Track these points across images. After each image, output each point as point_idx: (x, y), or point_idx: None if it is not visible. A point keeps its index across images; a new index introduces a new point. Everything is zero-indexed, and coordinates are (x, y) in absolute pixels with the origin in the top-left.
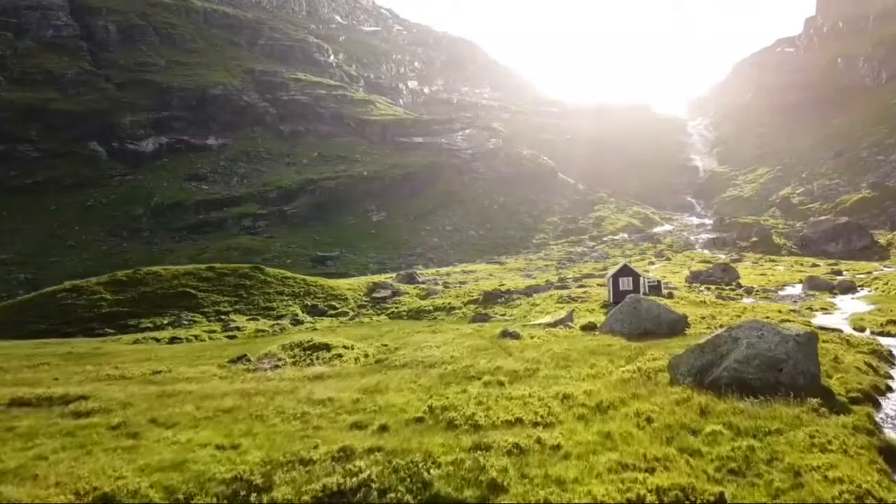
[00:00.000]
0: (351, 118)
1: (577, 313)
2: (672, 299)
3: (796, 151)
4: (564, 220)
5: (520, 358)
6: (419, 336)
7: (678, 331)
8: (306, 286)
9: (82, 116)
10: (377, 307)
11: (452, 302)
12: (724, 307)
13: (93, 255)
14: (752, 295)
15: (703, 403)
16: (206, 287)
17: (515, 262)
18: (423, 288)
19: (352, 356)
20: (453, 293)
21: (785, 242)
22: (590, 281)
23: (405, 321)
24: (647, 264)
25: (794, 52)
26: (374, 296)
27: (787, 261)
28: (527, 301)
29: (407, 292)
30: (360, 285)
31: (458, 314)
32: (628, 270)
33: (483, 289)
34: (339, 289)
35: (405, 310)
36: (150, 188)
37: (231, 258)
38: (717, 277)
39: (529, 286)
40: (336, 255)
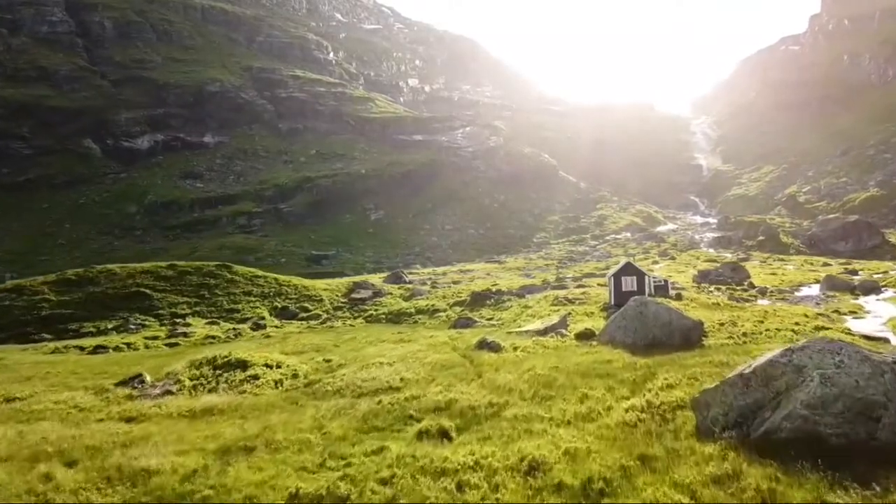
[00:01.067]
0: (350, 116)
1: (574, 317)
2: (681, 301)
3: (801, 150)
4: (566, 219)
5: (489, 383)
6: (378, 347)
7: (693, 341)
8: (278, 286)
9: (76, 113)
10: (355, 309)
11: (437, 304)
12: (740, 310)
13: (83, 253)
14: (767, 296)
15: (766, 489)
16: (165, 287)
17: (515, 262)
18: (409, 288)
19: (272, 378)
20: (440, 294)
21: (793, 241)
22: (590, 281)
23: (381, 325)
24: (650, 263)
25: (798, 50)
26: (352, 297)
27: (796, 260)
28: (518, 303)
29: (390, 293)
30: (339, 286)
31: (441, 317)
32: (632, 269)
33: (473, 289)
34: (314, 289)
35: (384, 312)
36: (144, 186)
37: (224, 257)
38: (727, 277)
39: (524, 286)
40: (332, 254)
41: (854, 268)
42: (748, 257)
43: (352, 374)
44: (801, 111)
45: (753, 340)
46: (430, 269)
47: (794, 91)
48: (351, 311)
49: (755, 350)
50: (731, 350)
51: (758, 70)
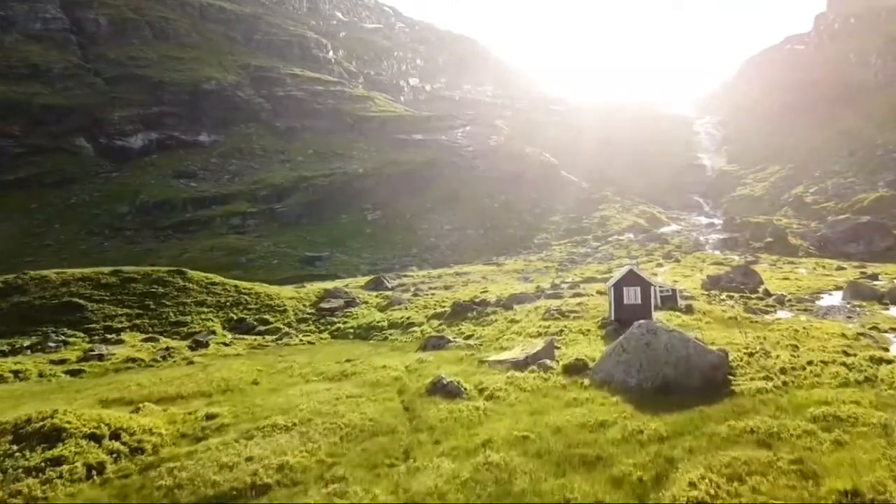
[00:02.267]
0: (349, 115)
1: (566, 337)
2: (692, 315)
3: (807, 150)
4: (567, 219)
5: (405, 483)
6: (300, 390)
7: (718, 382)
8: (237, 294)
9: (69, 111)
10: (321, 321)
11: (413, 316)
12: (764, 328)
13: (70, 254)
14: (786, 306)
15: None
16: (103, 296)
17: (514, 264)
18: (388, 296)
19: (92, 459)
20: (421, 303)
21: (801, 243)
22: (590, 286)
23: (345, 343)
24: (654, 266)
25: (803, 50)
26: (321, 307)
27: (806, 262)
28: (505, 316)
29: (366, 301)
30: (309, 294)
31: (415, 333)
32: (635, 277)
33: (458, 297)
34: (278, 298)
35: (353, 326)
36: (136, 186)
37: (214, 259)
38: (739, 283)
39: (514, 295)
40: (326, 255)
41: (872, 272)
42: (757, 260)
43: (216, 453)
44: (807, 111)
45: (796, 381)
46: (426, 272)
47: (799, 91)
48: (317, 324)
49: (806, 401)
50: (774, 402)
51: (762, 70)
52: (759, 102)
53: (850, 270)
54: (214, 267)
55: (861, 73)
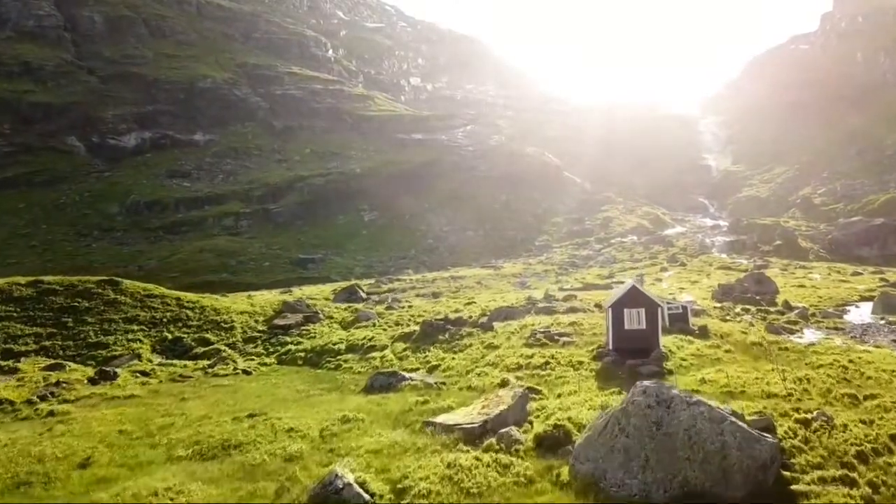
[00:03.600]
0: (348, 114)
1: (552, 371)
2: (707, 340)
3: (814, 150)
4: (569, 220)
5: None
6: (136, 485)
7: (770, 489)
8: (178, 308)
9: (61, 110)
10: (271, 341)
11: (378, 336)
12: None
13: (56, 256)
14: (812, 323)
15: None
16: (11, 312)
17: (513, 267)
18: (357, 310)
19: None
20: (394, 318)
21: (812, 246)
22: (589, 295)
23: (293, 370)
24: (659, 270)
25: (809, 49)
26: (275, 323)
27: (818, 267)
28: (482, 339)
29: (330, 316)
30: (265, 306)
31: (374, 360)
32: (638, 296)
33: (435, 312)
34: (227, 313)
35: (306, 349)
36: (127, 185)
37: (202, 261)
38: (753, 292)
39: (501, 309)
40: (319, 257)
41: (888, 277)
42: (766, 264)
43: None
44: (813, 111)
45: (890, 481)
46: (420, 275)
47: (805, 90)
48: (266, 345)
49: None
50: None
51: (767, 69)
52: (765, 102)
53: (867, 276)
54: (203, 269)
55: (869, 73)
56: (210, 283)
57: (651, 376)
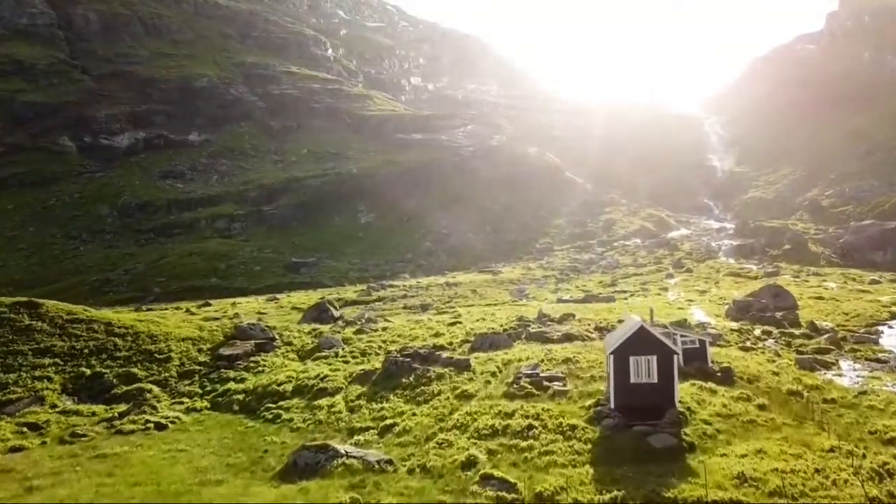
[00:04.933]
0: (346, 114)
1: (535, 441)
2: (732, 387)
3: (821, 151)
4: (572, 222)
5: None
6: None
7: None
8: (106, 336)
9: (53, 109)
10: (211, 377)
11: (332, 376)
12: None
13: (42, 259)
14: (846, 351)
15: None
16: None
17: (512, 272)
18: (321, 333)
19: None
20: (360, 346)
21: (822, 250)
22: (589, 313)
23: (222, 421)
24: (664, 277)
25: (814, 49)
26: (220, 352)
27: (832, 274)
28: (453, 384)
29: (289, 342)
30: (215, 330)
31: (320, 411)
32: (647, 340)
33: (412, 336)
34: (166, 340)
35: (248, 388)
36: (119, 186)
37: (191, 265)
38: (772, 308)
39: (485, 336)
40: (313, 261)
41: None
42: (777, 270)
43: None
44: (819, 111)
45: None
46: (415, 281)
47: (811, 90)
48: (203, 382)
49: None
50: None
51: (772, 69)
52: (770, 102)
53: (886, 286)
54: (191, 274)
55: (876, 72)
56: (197, 288)
57: (667, 453)
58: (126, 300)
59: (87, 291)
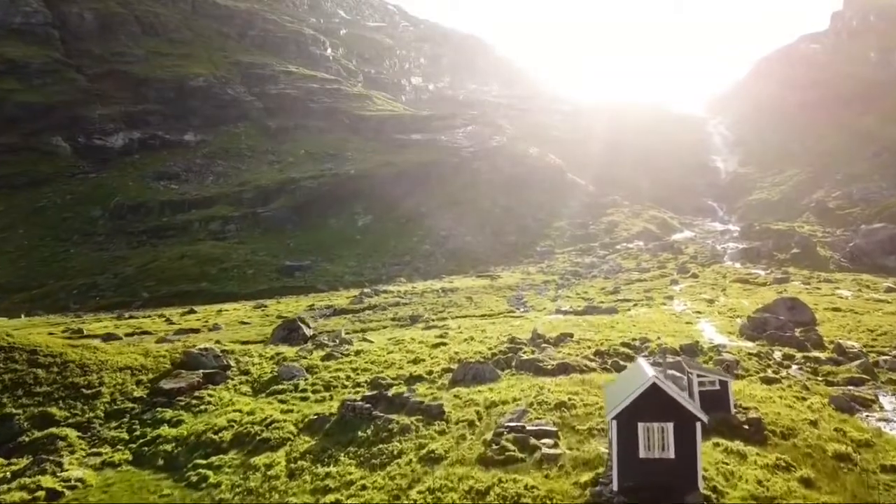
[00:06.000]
0: (345, 114)
1: None
2: (764, 448)
3: (826, 152)
4: (573, 224)
5: None
6: None
7: None
8: (26, 366)
9: (46, 109)
10: (144, 417)
11: (281, 421)
12: None
13: (30, 262)
14: (884, 382)
15: None
16: None
17: (511, 276)
18: (286, 357)
19: None
20: (326, 377)
21: (831, 254)
22: (589, 329)
23: (141, 480)
24: (668, 283)
25: (819, 49)
26: (160, 385)
27: (844, 280)
28: (419, 443)
29: (247, 370)
30: (163, 356)
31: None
32: (661, 401)
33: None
34: (98, 370)
35: (181, 435)
36: (112, 188)
37: (182, 268)
38: (790, 326)
39: (468, 365)
40: (307, 264)
41: None
42: (787, 277)
43: None
44: (824, 111)
45: None
46: (411, 286)
47: (816, 90)
48: (133, 424)
49: None
50: None
51: (776, 69)
52: (774, 103)
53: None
54: (181, 278)
55: (883, 72)
56: (187, 293)
57: None
58: (112, 305)
59: (73, 296)
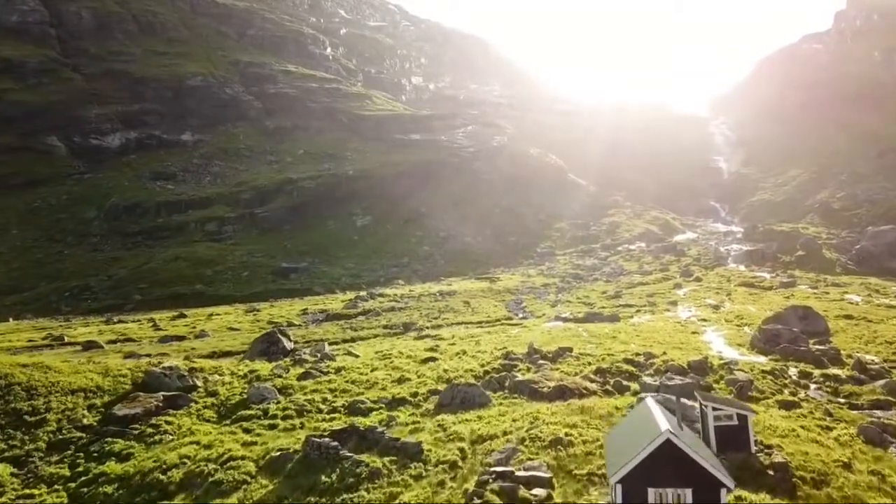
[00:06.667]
0: (344, 113)
1: None
2: (794, 501)
3: (831, 152)
4: (574, 225)
5: None
6: None
7: None
8: None
9: (42, 109)
10: (91, 449)
11: (238, 461)
12: None
13: (24, 263)
14: None
15: None
16: None
17: (511, 279)
18: (256, 376)
19: None
20: (300, 401)
21: (837, 257)
22: (590, 337)
23: None
24: (672, 287)
25: (822, 49)
26: (114, 412)
27: (851, 284)
28: (389, 494)
29: (214, 391)
30: (118, 378)
31: None
32: (676, 461)
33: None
34: (46, 393)
35: (125, 474)
36: (108, 188)
37: (176, 270)
38: (803, 339)
39: (458, 387)
40: (304, 266)
41: None
42: (793, 281)
43: None
44: (828, 111)
45: None
46: (408, 289)
47: (819, 90)
48: (76, 458)
49: None
50: None
51: (779, 69)
52: (777, 103)
53: None
54: (175, 280)
55: (886, 72)
56: (180, 295)
57: None
58: (104, 308)
59: (65, 299)
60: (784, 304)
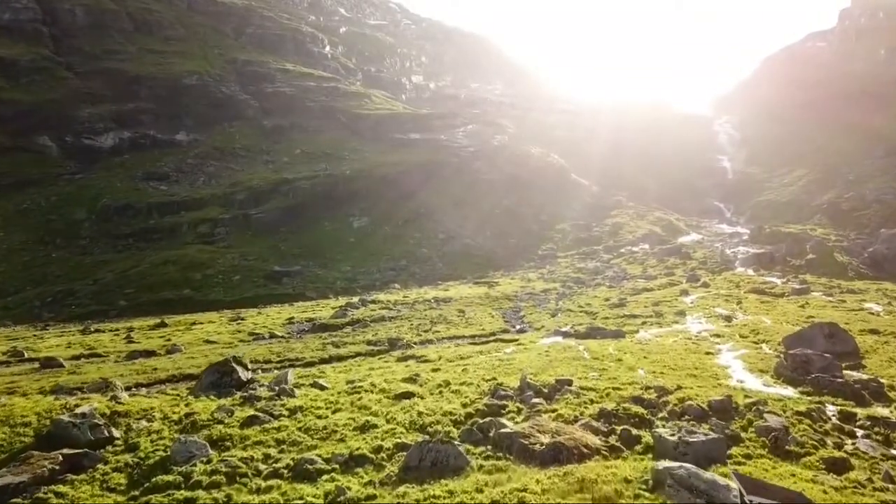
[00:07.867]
0: (342, 113)
1: None
2: None
3: (837, 152)
4: (576, 227)
5: None
6: None
7: None
8: None
9: (33, 108)
10: None
11: None
12: None
13: (8, 268)
14: None
15: None
16: None
17: (510, 283)
18: (192, 422)
19: None
20: (235, 458)
21: (849, 261)
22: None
23: None
24: (678, 294)
25: (826, 47)
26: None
27: (867, 290)
28: None
29: (136, 444)
30: (18, 431)
31: None
32: None
33: (326, 432)
34: None
35: None
36: (99, 189)
37: (164, 274)
38: (836, 366)
39: (425, 447)
40: (297, 269)
41: None
42: (806, 287)
43: None
44: (834, 111)
45: None
46: (402, 295)
47: (824, 89)
48: None
49: None
50: None
51: (783, 68)
52: (781, 102)
53: None
54: (163, 285)
55: (892, 70)
56: (168, 301)
57: None
58: (88, 315)
59: (47, 305)
60: (800, 313)
